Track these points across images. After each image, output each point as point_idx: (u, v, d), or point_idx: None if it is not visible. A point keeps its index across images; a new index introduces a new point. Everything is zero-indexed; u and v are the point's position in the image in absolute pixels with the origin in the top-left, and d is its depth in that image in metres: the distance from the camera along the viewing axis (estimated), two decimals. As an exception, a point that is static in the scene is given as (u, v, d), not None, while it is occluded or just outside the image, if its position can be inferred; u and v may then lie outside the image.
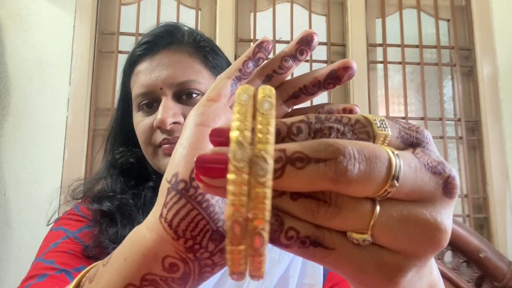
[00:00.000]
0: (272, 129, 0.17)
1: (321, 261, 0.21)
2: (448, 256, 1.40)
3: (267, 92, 0.18)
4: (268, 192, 0.16)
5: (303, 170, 0.18)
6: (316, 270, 0.57)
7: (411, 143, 0.21)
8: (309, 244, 0.20)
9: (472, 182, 1.63)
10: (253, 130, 0.17)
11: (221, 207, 0.25)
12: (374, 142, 0.20)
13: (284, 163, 0.18)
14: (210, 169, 0.18)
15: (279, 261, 0.56)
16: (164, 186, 0.26)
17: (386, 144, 0.20)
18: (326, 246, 0.20)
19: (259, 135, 0.17)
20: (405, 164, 0.19)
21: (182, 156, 0.25)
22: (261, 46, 0.30)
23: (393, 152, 0.19)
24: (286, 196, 0.19)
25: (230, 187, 0.16)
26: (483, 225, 1.61)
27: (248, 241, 0.16)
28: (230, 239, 0.16)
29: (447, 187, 0.20)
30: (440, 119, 1.65)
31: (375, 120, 0.20)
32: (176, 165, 0.25)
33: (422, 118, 1.65)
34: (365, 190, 0.18)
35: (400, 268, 0.20)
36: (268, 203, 0.16)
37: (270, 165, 0.16)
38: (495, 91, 1.66)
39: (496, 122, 1.63)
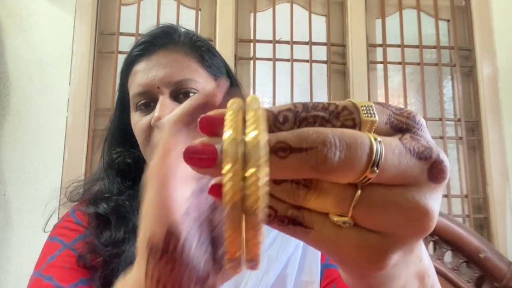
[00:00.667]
0: (263, 121, 0.19)
1: (302, 239, 0.22)
2: (448, 256, 1.40)
3: (253, 97, 0.20)
4: (263, 172, 0.17)
5: (286, 159, 0.18)
6: (313, 268, 0.58)
7: (401, 128, 0.21)
8: (287, 222, 0.21)
9: (472, 182, 1.63)
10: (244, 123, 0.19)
11: (200, 254, 0.26)
12: (360, 129, 0.20)
13: (267, 152, 0.18)
14: (199, 159, 0.19)
15: (277, 258, 0.56)
16: (142, 246, 0.26)
17: (373, 130, 0.20)
18: (305, 225, 0.21)
19: (253, 125, 0.18)
20: (388, 150, 0.19)
21: (154, 216, 0.26)
22: (210, 96, 0.30)
23: (375, 139, 0.19)
24: (270, 180, 0.19)
25: (227, 175, 0.17)
26: (483, 225, 1.60)
27: (246, 224, 0.17)
28: (229, 223, 0.17)
29: (432, 172, 0.20)
30: (440, 119, 1.65)
31: (362, 106, 0.20)
32: (150, 226, 0.26)
33: (422, 118, 1.65)
34: (346, 177, 0.19)
35: (382, 250, 0.21)
36: (262, 182, 0.17)
37: (264, 148, 0.17)
38: (495, 91, 1.66)
39: (496, 122, 1.63)
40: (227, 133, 0.18)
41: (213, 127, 0.20)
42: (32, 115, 1.47)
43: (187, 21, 1.60)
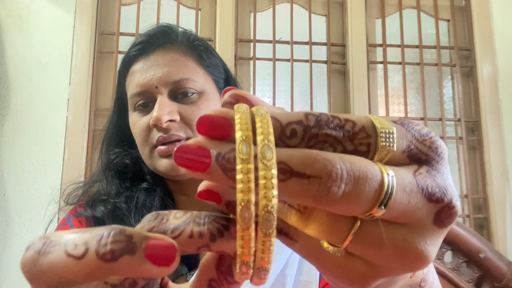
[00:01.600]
0: (271, 125, 0.17)
1: (289, 247, 0.21)
2: (448, 256, 1.40)
3: (264, 125, 0.18)
4: (275, 173, 0.16)
5: (285, 182, 0.17)
6: (312, 268, 0.57)
7: (419, 159, 0.19)
8: None
9: (472, 182, 1.63)
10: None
11: None
12: (374, 155, 0.18)
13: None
14: (190, 161, 0.17)
15: (277, 258, 0.56)
16: None
17: (387, 159, 0.19)
18: (290, 237, 0.20)
19: (260, 129, 0.17)
20: (399, 187, 0.18)
21: None
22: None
23: (388, 174, 0.17)
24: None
25: (238, 176, 0.16)
26: (483, 225, 1.60)
27: (260, 219, 0.16)
28: (241, 224, 0.16)
29: (439, 217, 0.19)
30: (440, 119, 1.65)
31: (381, 132, 0.18)
32: None
33: (422, 118, 1.65)
34: (349, 212, 0.18)
35: (367, 276, 0.20)
36: (275, 182, 0.16)
37: (274, 152, 0.16)
38: (495, 91, 1.66)
39: (496, 122, 1.63)
40: (238, 133, 0.17)
41: (214, 129, 0.18)
42: (32, 115, 1.47)
43: (187, 21, 1.60)
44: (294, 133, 0.18)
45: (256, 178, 0.16)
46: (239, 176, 0.16)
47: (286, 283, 0.55)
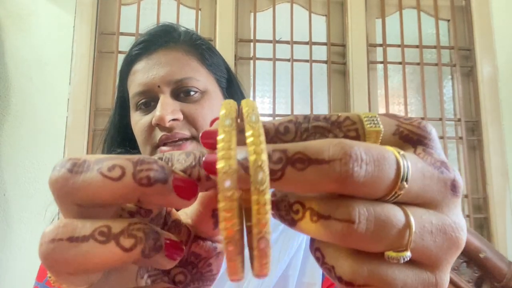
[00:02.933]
0: (263, 138, 0.17)
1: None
2: (448, 256, 1.40)
3: (250, 105, 0.19)
4: (268, 199, 0.16)
5: (304, 171, 0.17)
6: (315, 270, 0.57)
7: (411, 139, 0.20)
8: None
9: (472, 182, 1.63)
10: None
11: None
12: (364, 140, 0.19)
13: (284, 164, 0.17)
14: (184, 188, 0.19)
15: (279, 260, 0.56)
16: None
17: (379, 141, 0.19)
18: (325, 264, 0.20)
19: (252, 147, 0.17)
20: (412, 164, 0.18)
21: None
22: None
23: (399, 153, 0.18)
24: (307, 218, 0.18)
25: (221, 214, 0.16)
26: (483, 225, 1.60)
27: (255, 244, 0.16)
28: (228, 257, 0.16)
29: (455, 187, 0.19)
30: (440, 119, 1.65)
31: (365, 116, 0.19)
32: None
33: (422, 118, 1.63)
34: (372, 192, 0.18)
35: (436, 284, 0.19)
36: (268, 208, 0.16)
37: (267, 174, 0.16)
38: (495, 91, 1.66)
39: (496, 122, 1.63)
40: (220, 163, 0.16)
41: (213, 142, 0.18)
42: (32, 115, 1.47)
43: (187, 21, 1.60)
44: (287, 129, 0.19)
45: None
46: (221, 214, 0.16)
47: (289, 284, 0.55)
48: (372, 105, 1.65)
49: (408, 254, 0.18)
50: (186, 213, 0.24)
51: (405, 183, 0.18)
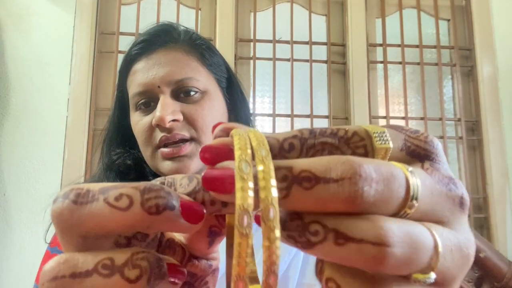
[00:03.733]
0: (273, 174, 0.16)
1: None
2: (448, 256, 1.40)
3: (259, 138, 0.18)
4: (278, 236, 0.16)
5: (311, 190, 0.16)
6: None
7: (418, 155, 0.20)
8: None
9: (472, 182, 1.63)
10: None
11: None
12: (373, 157, 0.18)
13: (289, 182, 0.16)
14: (219, 185, 0.17)
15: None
16: None
17: (387, 158, 0.19)
18: None
19: (263, 182, 0.16)
20: (421, 181, 0.18)
21: None
22: None
23: (407, 170, 0.18)
24: (330, 241, 0.17)
25: (236, 250, 0.16)
26: (483, 225, 1.61)
27: (263, 278, 0.16)
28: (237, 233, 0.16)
29: (463, 204, 0.19)
30: (440, 119, 1.65)
31: (374, 132, 0.19)
32: None
33: (422, 118, 1.65)
34: (382, 212, 0.17)
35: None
36: (278, 244, 0.16)
37: (277, 211, 0.16)
38: (495, 91, 1.66)
39: (496, 122, 1.63)
40: (238, 201, 0.16)
41: (218, 156, 0.18)
42: (32, 115, 1.47)
43: (187, 21, 1.60)
44: (292, 146, 0.18)
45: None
46: (238, 194, 0.16)
47: (289, 285, 0.55)
48: (372, 105, 1.65)
49: (433, 276, 0.17)
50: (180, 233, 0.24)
51: (415, 201, 0.17)
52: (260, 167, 0.16)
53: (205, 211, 0.19)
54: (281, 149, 0.18)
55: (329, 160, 0.16)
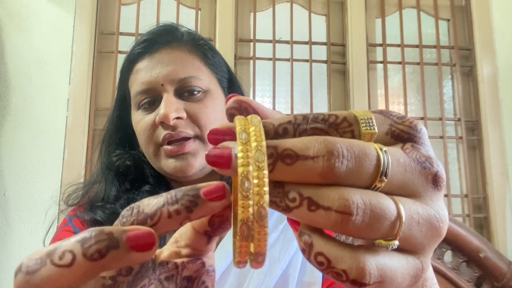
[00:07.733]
0: (263, 133, 0.20)
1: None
2: (448, 256, 1.40)
3: (256, 123, 0.20)
4: (266, 173, 0.18)
5: (293, 166, 0.19)
6: (315, 269, 0.57)
7: (402, 138, 0.22)
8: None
9: (472, 182, 1.63)
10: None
11: None
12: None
13: (275, 159, 0.19)
14: (218, 162, 0.20)
15: (280, 259, 0.56)
16: None
17: (373, 141, 0.21)
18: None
19: (254, 137, 0.19)
20: (394, 159, 0.20)
21: None
22: None
23: (381, 149, 0.20)
24: (304, 207, 0.19)
25: (240, 210, 0.18)
26: (483, 225, 1.60)
27: (255, 213, 0.18)
28: (240, 236, 0.19)
29: (436, 181, 0.21)
30: (440, 119, 1.65)
31: (362, 119, 0.21)
32: None
33: (422, 118, 1.65)
34: (353, 184, 0.19)
35: (422, 270, 0.21)
36: (266, 181, 0.18)
37: (265, 154, 0.19)
38: (495, 91, 1.66)
39: (496, 122, 1.63)
40: (240, 169, 0.19)
41: (222, 138, 0.20)
42: (32, 115, 1.47)
43: (187, 21, 1.60)
44: (286, 131, 0.20)
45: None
46: (239, 154, 0.19)
47: (289, 284, 0.55)
48: (372, 104, 1.65)
49: (396, 243, 0.19)
50: (181, 234, 0.25)
51: (384, 177, 0.19)
52: (251, 131, 0.20)
53: (155, 237, 0.19)
54: (275, 133, 0.20)
55: (308, 140, 0.19)
